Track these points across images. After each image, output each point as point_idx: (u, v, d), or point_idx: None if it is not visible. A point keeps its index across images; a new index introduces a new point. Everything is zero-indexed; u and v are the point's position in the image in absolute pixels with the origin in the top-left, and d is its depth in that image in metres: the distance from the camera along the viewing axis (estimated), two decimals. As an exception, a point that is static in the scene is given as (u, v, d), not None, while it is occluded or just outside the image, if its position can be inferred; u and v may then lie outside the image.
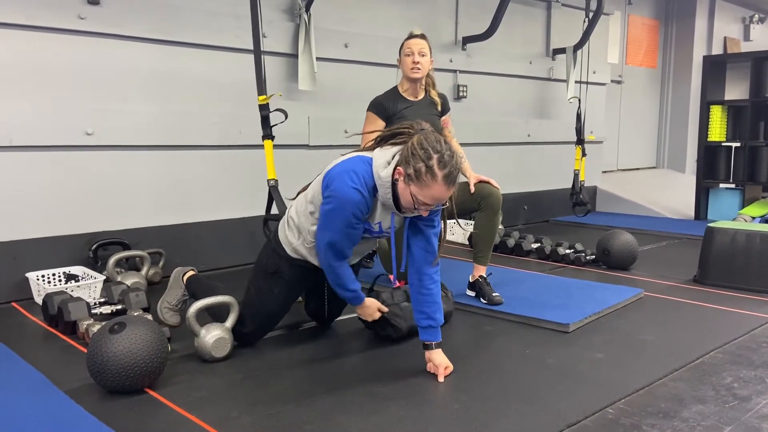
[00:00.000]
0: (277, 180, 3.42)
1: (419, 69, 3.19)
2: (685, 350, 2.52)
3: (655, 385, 2.18)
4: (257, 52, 3.36)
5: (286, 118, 3.29)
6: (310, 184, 2.38)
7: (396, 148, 2.10)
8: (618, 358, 2.44)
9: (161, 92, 3.66)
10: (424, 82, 3.32)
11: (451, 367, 2.27)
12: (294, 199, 2.47)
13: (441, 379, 2.21)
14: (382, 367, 2.35)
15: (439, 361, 2.25)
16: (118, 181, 3.53)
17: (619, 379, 2.23)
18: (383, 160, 2.08)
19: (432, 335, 2.28)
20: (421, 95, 3.32)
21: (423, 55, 3.19)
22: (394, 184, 2.07)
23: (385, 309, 2.43)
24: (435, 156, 1.97)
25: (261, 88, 3.37)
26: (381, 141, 2.18)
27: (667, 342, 2.63)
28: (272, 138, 3.37)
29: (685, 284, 3.64)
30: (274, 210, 3.51)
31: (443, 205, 2.13)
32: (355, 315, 2.86)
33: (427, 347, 2.28)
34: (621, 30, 7.52)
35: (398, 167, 2.03)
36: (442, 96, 3.38)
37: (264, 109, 3.36)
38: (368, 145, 2.23)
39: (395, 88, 3.32)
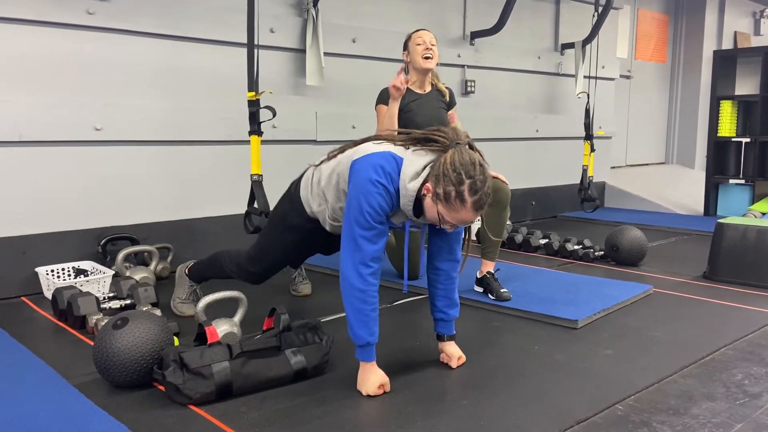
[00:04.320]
0: (261, 175, 3.40)
1: (431, 57, 3.18)
2: (694, 347, 2.50)
3: (665, 381, 2.17)
4: (251, 47, 3.34)
5: (274, 116, 3.27)
6: (339, 151, 2.21)
7: (428, 158, 1.97)
8: (627, 355, 2.43)
9: (170, 87, 3.66)
10: (431, 75, 3.32)
11: (463, 358, 2.31)
12: (321, 163, 2.31)
13: (454, 366, 2.27)
14: (389, 363, 2.34)
15: (451, 351, 2.30)
16: (127, 176, 3.54)
17: (629, 375, 2.22)
18: (413, 170, 1.95)
19: (444, 328, 2.30)
20: (428, 88, 3.31)
21: (433, 45, 3.19)
22: (418, 198, 1.97)
23: (388, 388, 2.08)
24: (467, 182, 1.86)
25: (252, 85, 3.34)
26: (415, 141, 2.03)
27: (676, 338, 2.62)
28: (260, 134, 3.35)
29: (694, 280, 3.62)
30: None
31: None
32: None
33: (440, 338, 2.32)
34: (630, 24, 7.47)
35: (427, 183, 1.93)
36: (449, 89, 3.37)
37: (253, 105, 3.34)
38: (401, 140, 2.07)
39: None
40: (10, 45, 3.13)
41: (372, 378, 2.06)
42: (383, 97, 3.23)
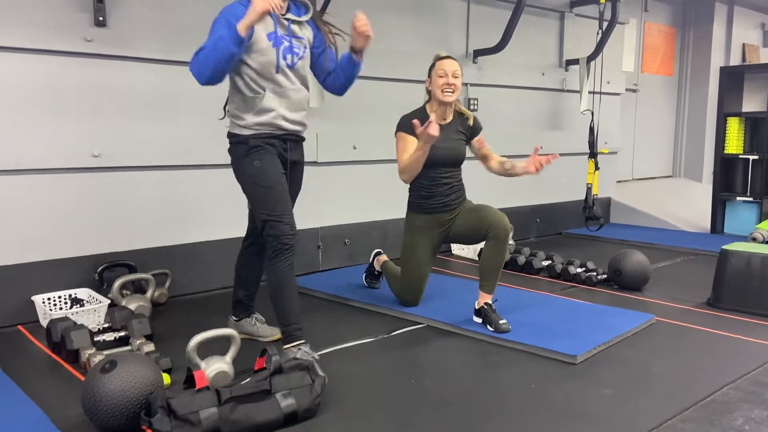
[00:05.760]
0: None
1: (451, 92, 3.12)
2: (695, 385, 2.45)
3: (663, 426, 2.12)
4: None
5: None
6: None
7: None
8: (626, 394, 2.38)
9: (167, 112, 3.65)
10: (454, 105, 3.27)
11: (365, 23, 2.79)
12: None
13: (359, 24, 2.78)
14: (381, 400, 2.31)
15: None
16: (125, 202, 3.53)
17: (627, 418, 2.18)
18: None
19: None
20: (450, 118, 3.26)
21: (456, 77, 3.13)
22: None
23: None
24: None
25: None
26: None
27: (677, 375, 2.57)
28: None
29: (698, 308, 3.56)
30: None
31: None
32: (354, 344, 2.87)
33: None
34: (637, 38, 7.41)
35: None
36: (473, 115, 3.34)
37: None
38: None
39: (423, 108, 3.26)
40: (8, 73, 3.12)
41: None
42: (404, 125, 3.16)
